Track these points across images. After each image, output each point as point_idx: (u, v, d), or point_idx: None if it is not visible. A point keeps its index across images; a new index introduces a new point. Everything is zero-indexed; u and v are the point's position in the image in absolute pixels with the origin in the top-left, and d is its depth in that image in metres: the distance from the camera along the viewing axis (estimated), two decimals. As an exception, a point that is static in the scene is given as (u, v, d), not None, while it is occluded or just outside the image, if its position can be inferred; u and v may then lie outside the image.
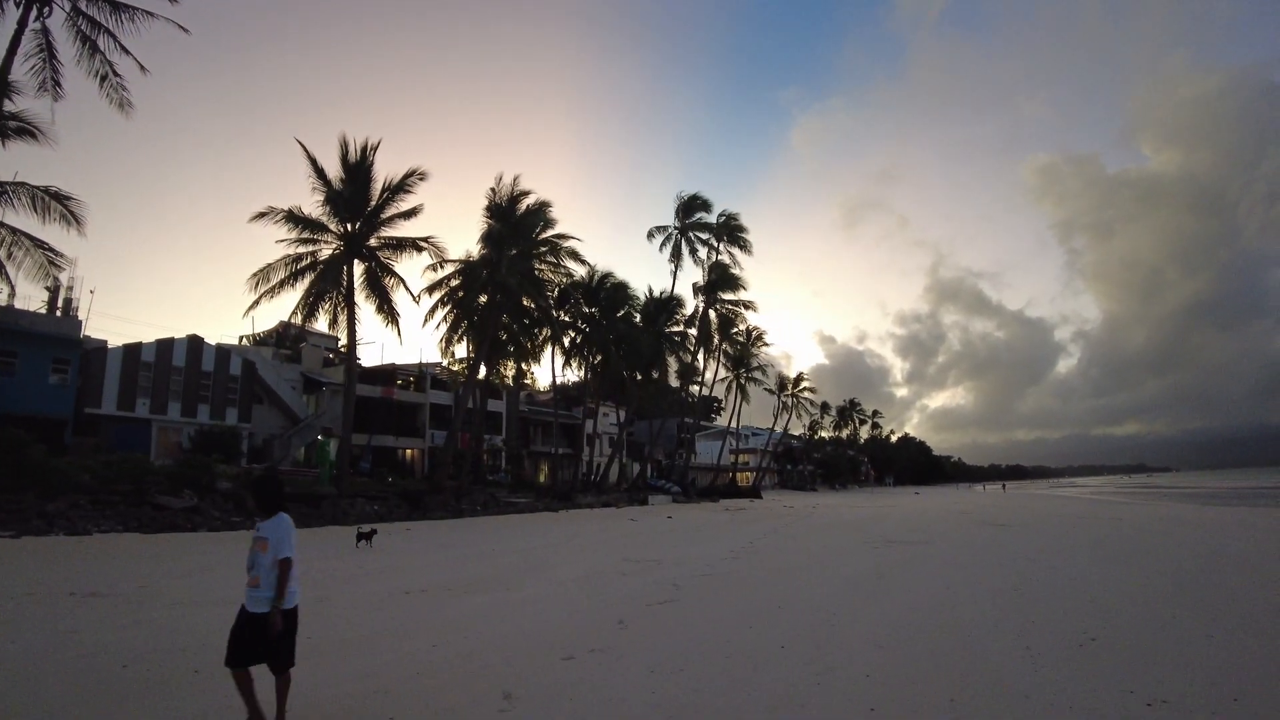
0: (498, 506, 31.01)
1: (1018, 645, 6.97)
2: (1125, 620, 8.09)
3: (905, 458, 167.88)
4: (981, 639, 7.29)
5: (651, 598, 9.75)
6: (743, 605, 9.30)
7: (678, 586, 10.78)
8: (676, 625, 8.05)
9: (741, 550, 16.61)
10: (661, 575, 12.02)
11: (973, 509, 37.85)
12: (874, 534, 21.40)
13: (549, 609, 9.09)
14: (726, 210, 51.95)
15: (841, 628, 7.87)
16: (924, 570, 12.69)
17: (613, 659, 6.54)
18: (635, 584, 11.08)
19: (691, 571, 12.50)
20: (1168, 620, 8.08)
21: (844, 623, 8.14)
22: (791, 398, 73.92)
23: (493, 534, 21.49)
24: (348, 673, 6.14)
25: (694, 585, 10.92)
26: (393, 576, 12.01)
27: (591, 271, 43.61)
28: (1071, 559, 14.01)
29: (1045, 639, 7.20)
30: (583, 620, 8.34)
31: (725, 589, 10.71)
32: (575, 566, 13.36)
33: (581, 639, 7.26)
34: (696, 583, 11.19)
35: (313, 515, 23.76)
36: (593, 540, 19.71)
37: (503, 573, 12.49)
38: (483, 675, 6.07)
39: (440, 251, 29.34)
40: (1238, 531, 20.89)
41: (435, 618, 8.46)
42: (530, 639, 7.36)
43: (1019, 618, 8.27)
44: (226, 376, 39.75)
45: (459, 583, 11.30)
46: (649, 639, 7.32)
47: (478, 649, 6.94)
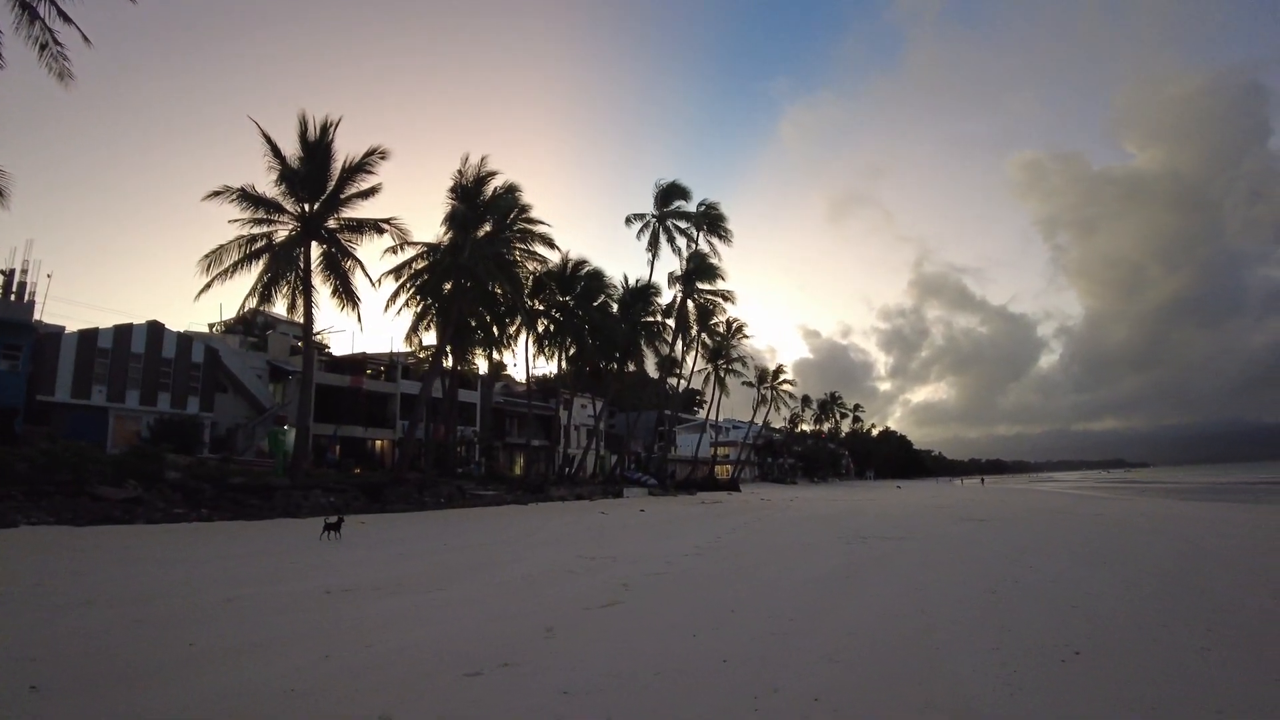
0: (463, 499, 29.98)
1: (993, 660, 6.13)
2: (1111, 630, 7.28)
3: (886, 452, 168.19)
4: (953, 652, 6.45)
5: (594, 600, 8.86)
6: (693, 609, 8.43)
7: (627, 587, 9.90)
8: (612, 634, 7.16)
9: (707, 546, 15.77)
10: (614, 574, 11.14)
11: (951, 503, 37.26)
12: (848, 529, 20.63)
13: (475, 613, 8.17)
14: (706, 199, 51.02)
15: (797, 637, 7.01)
16: (895, 570, 11.87)
17: (524, 676, 5.63)
18: (581, 584, 10.20)
19: (647, 570, 11.62)
20: (1158, 630, 7.27)
21: (801, 631, 7.28)
22: (770, 390, 73.24)
23: (451, 528, 20.55)
24: (209, 691, 5.21)
25: (645, 586, 10.05)
26: (321, 574, 11.07)
27: (565, 258, 42.63)
28: (1052, 558, 13.25)
29: (1024, 653, 6.37)
30: (508, 627, 7.42)
31: (678, 590, 9.84)
32: (524, 564, 12.45)
33: (498, 650, 6.35)
34: (648, 583, 10.32)
35: (264, 507, 22.68)
36: (555, 535, 18.83)
37: (442, 571, 11.57)
38: (367, 695, 5.16)
39: (403, 234, 28.26)
40: (1220, 528, 20.30)
41: (344, 622, 7.53)
42: (440, 650, 6.44)
43: (995, 626, 7.44)
44: (188, 364, 38.47)
45: (390, 581, 10.37)
46: (575, 651, 6.42)
47: (375, 662, 6.02)
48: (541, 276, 41.14)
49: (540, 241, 38.94)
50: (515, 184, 31.38)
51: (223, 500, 22.29)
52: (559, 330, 42.66)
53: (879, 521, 23.78)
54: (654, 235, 48.73)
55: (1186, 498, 43.24)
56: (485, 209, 30.55)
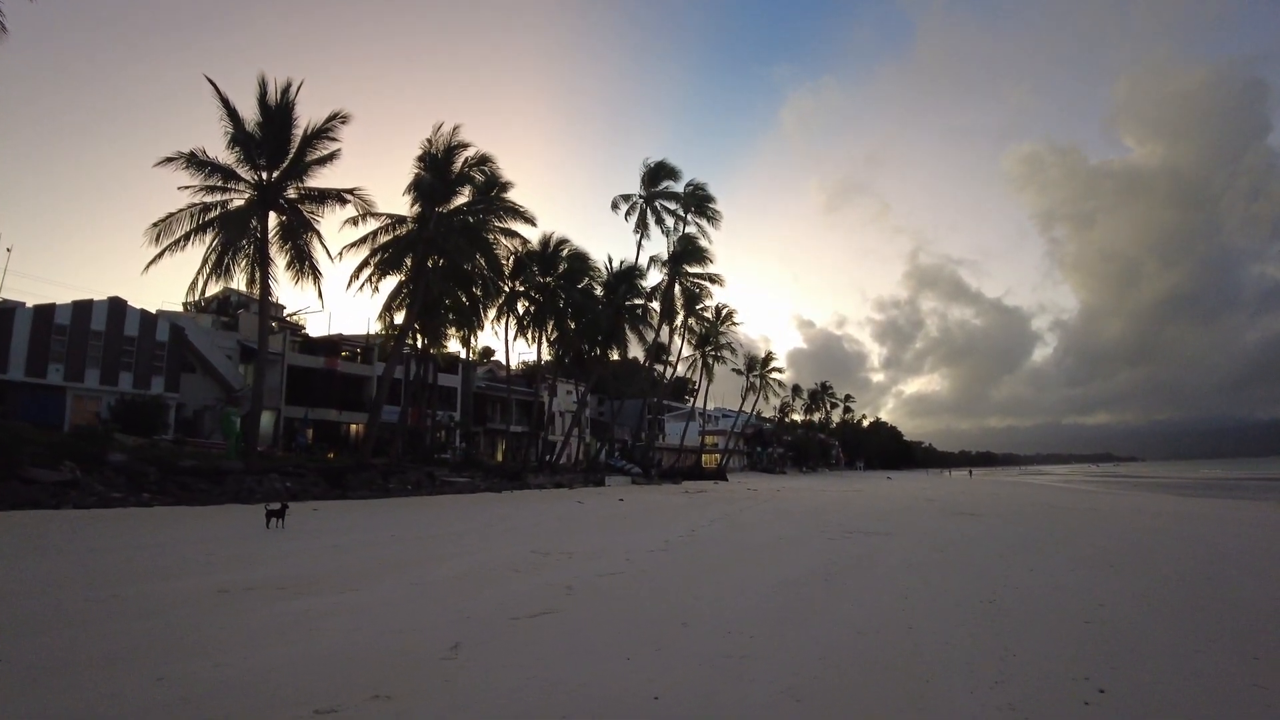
0: (433, 486, 28.62)
1: (997, 700, 4.82)
2: (1139, 657, 5.99)
3: (876, 442, 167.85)
4: (946, 686, 5.14)
5: (525, 607, 7.53)
6: (637, 621, 7.11)
7: (570, 590, 8.59)
8: (529, 654, 5.83)
9: (677, 540, 14.48)
10: (562, 573, 9.83)
11: (941, 496, 36.10)
12: (833, 522, 19.38)
13: (376, 623, 6.82)
14: (694, 180, 49.56)
15: (756, 662, 5.70)
16: (879, 572, 10.58)
17: (390, 717, 4.31)
18: (519, 587, 8.87)
19: (602, 568, 10.31)
20: (1195, 658, 5.99)
21: (761, 653, 5.97)
22: (760, 378, 71.93)
23: (408, 517, 19.21)
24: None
25: (591, 589, 8.74)
26: (233, 568, 9.74)
27: (546, 237, 41.04)
28: (1054, 560, 11.98)
29: (1035, 689, 5.06)
30: (407, 642, 6.09)
31: (628, 595, 8.52)
32: (467, 559, 11.13)
33: (376, 677, 5.02)
34: (597, 585, 9.01)
35: (213, 493, 21.32)
36: (517, 525, 17.52)
37: (370, 566, 10.24)
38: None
39: (368, 205, 26.73)
40: (1231, 527, 19.13)
41: (209, 633, 6.19)
42: (303, 672, 5.10)
43: (996, 650, 6.14)
44: (152, 342, 36.94)
45: (303, 579, 9.04)
46: (472, 680, 5.09)
47: (215, 688, 4.69)
48: (522, 257, 39.65)
49: (520, 219, 37.57)
50: (489, 155, 29.80)
51: (168, 484, 20.90)
52: (539, 312, 41.12)
53: (865, 514, 22.56)
54: (641, 216, 47.22)
55: (1183, 493, 42.25)
56: (455, 181, 28.93)
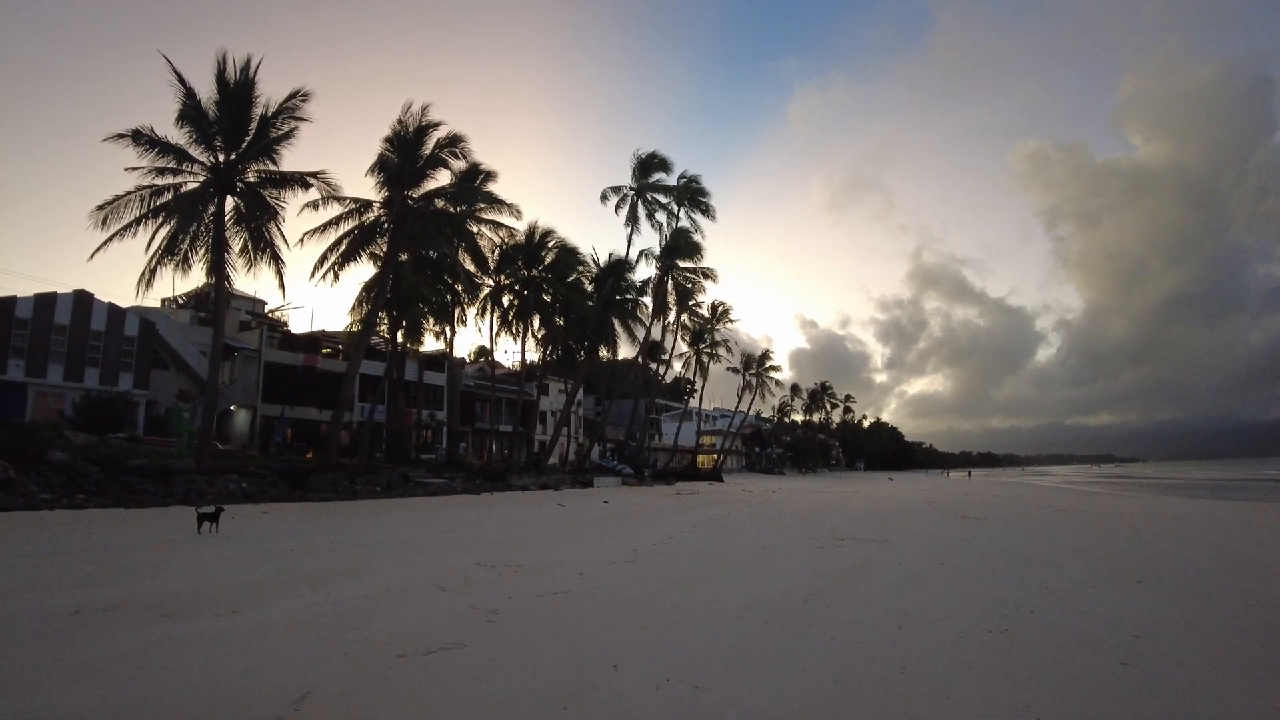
0: (405, 488, 27.14)
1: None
2: (1197, 717, 4.55)
3: (876, 443, 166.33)
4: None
5: (425, 640, 6.09)
6: (557, 661, 5.65)
7: (494, 616, 7.14)
8: (394, 711, 4.39)
9: (649, 549, 13.04)
10: (495, 593, 8.39)
11: (942, 498, 34.64)
12: (825, 527, 17.94)
13: (232, 658, 5.35)
14: (687, 172, 47.89)
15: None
16: (871, 590, 9.14)
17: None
18: (434, 611, 7.42)
19: (544, 586, 8.87)
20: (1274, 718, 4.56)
21: (705, 713, 4.54)
22: (756, 377, 70.36)
23: (365, 521, 17.77)
24: None
25: (519, 615, 7.29)
26: (115, 581, 8.36)
27: (532, 227, 39.41)
28: (1070, 574, 10.52)
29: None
30: (251, 687, 4.64)
31: (561, 623, 7.07)
32: (392, 574, 9.68)
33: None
34: (528, 610, 7.56)
35: (160, 494, 19.88)
36: (483, 531, 16.11)
37: (279, 581, 8.80)
38: None
39: (333, 188, 25.19)
40: (1259, 534, 17.68)
41: (19, 669, 4.76)
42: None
43: (1016, 709, 4.69)
44: (120, 337, 35.51)
45: (185, 597, 7.61)
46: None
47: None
48: (508, 250, 38.15)
49: (503, 209, 36.14)
50: (461, 135, 27.84)
51: (110, 485, 19.45)
52: (523, 306, 39.53)
53: (861, 518, 21.13)
54: (632, 209, 45.54)
55: (1192, 495, 40.79)
56: (426, 164, 27.32)
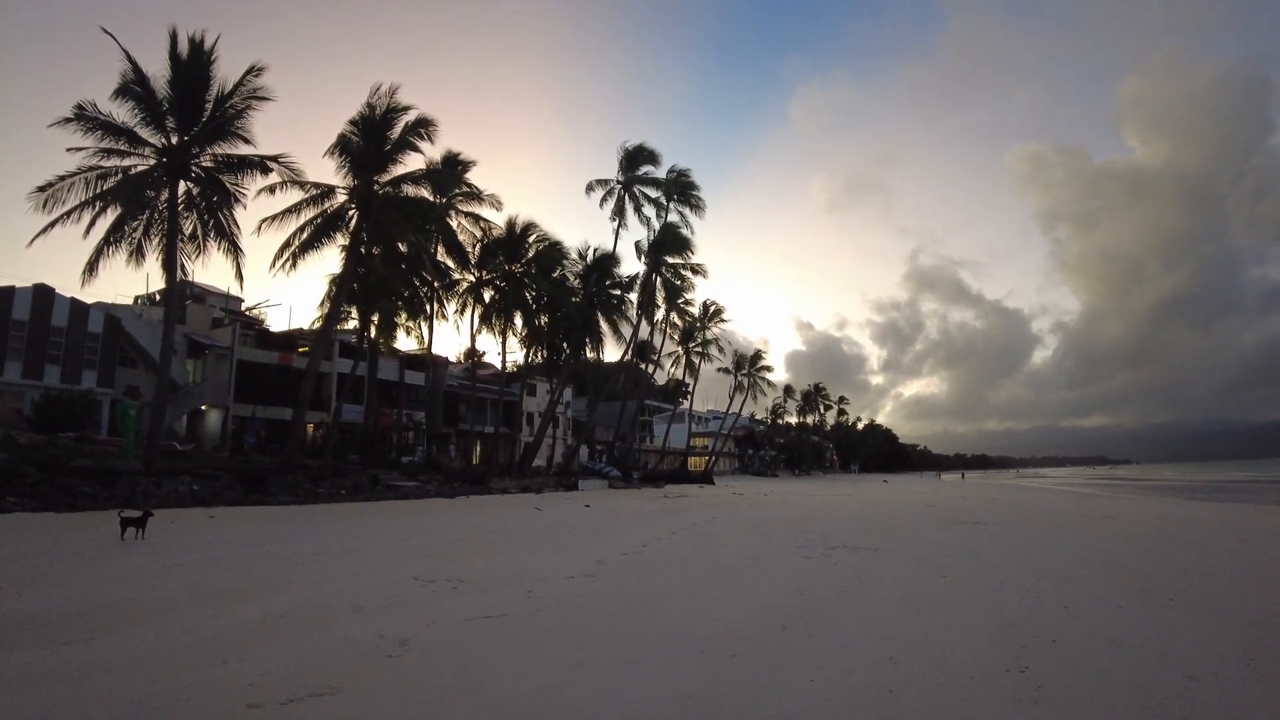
0: (373, 491, 25.73)
1: None
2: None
3: (871, 445, 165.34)
4: None
5: (292, 686, 4.76)
6: (454, 713, 4.35)
7: (403, 646, 5.84)
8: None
9: (619, 559, 11.74)
10: (419, 617, 7.07)
11: (939, 502, 33.39)
12: (815, 534, 16.66)
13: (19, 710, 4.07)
14: (676, 165, 46.56)
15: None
16: (861, 613, 7.82)
17: None
18: (326, 640, 6.09)
19: (481, 608, 7.55)
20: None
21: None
22: (748, 377, 69.09)
23: (320, 527, 16.43)
24: None
25: (430, 648, 5.97)
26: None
27: (513, 221, 37.95)
28: (1089, 590, 9.23)
29: None
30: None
31: (478, 659, 5.73)
32: (307, 590, 8.33)
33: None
34: (448, 641, 6.24)
35: (100, 496, 18.50)
36: (440, 539, 14.80)
37: (174, 598, 7.45)
38: None
39: (295, 173, 23.77)
40: (1273, 539, 16.48)
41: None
42: None
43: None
44: (84, 334, 34.08)
45: (48, 618, 6.29)
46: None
47: None
48: (489, 243, 36.80)
49: (484, 202, 34.88)
50: (430, 118, 26.12)
51: (46, 488, 18.04)
52: (505, 303, 38.08)
53: (853, 524, 19.85)
54: (619, 203, 44.16)
55: (1192, 497, 39.60)
56: (394, 148, 25.87)
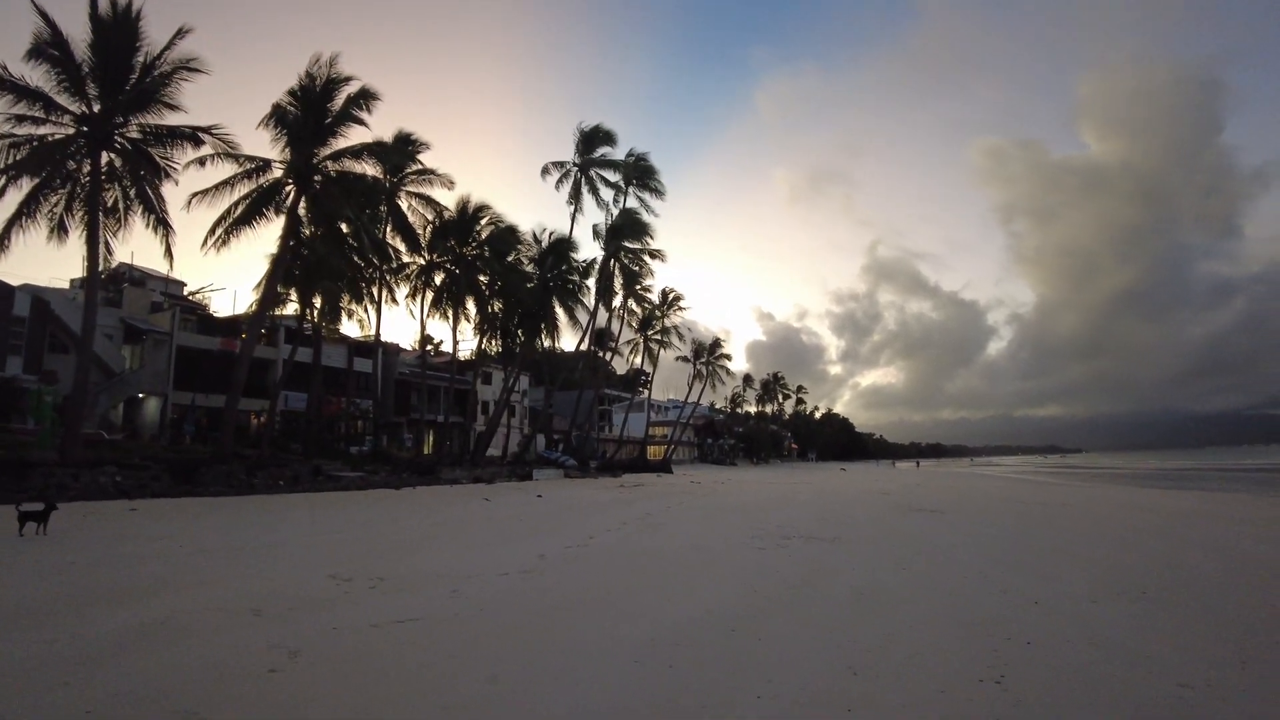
0: (314, 482, 24.64)
1: None
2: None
3: (828, 434, 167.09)
4: None
5: (143, 711, 3.96)
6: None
7: (293, 657, 5.02)
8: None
9: (563, 553, 11.01)
10: (312, 624, 6.25)
11: (895, 489, 33.23)
12: (770, 524, 16.09)
13: None
14: (634, 149, 45.71)
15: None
16: (819, 611, 7.18)
17: None
18: (208, 651, 5.24)
19: (394, 610, 6.75)
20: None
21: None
22: (707, 365, 68.67)
23: (247, 520, 15.42)
24: None
25: (323, 660, 5.16)
26: None
27: (464, 201, 36.71)
28: (1060, 584, 8.71)
29: None
30: None
31: (374, 674, 4.94)
32: (205, 592, 7.43)
33: None
34: (346, 648, 5.44)
35: (11, 489, 17.22)
36: (375, 532, 13.91)
37: (31, 605, 6.52)
38: None
39: (229, 145, 22.45)
40: (1247, 528, 16.33)
41: None
42: None
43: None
44: (8, 317, 32.17)
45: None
46: None
47: None
48: (440, 225, 35.64)
49: (436, 182, 33.71)
50: (372, 90, 24.85)
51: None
52: (456, 287, 36.91)
53: (810, 512, 19.37)
54: (575, 186, 43.18)
55: (1145, 484, 40.08)
56: (335, 120, 24.58)
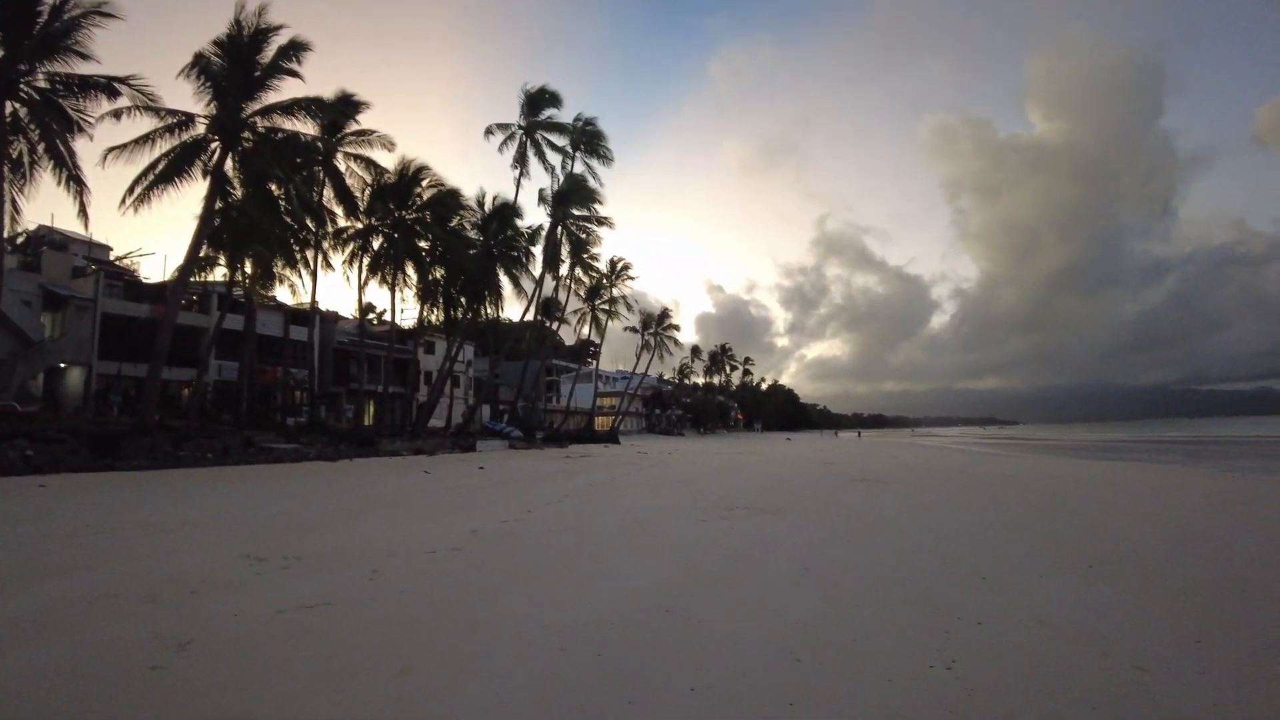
0: (245, 454, 23.67)
1: None
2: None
3: (774, 405, 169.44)
4: None
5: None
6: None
7: (182, 650, 4.50)
8: None
9: (497, 528, 10.55)
10: (211, 610, 5.72)
11: (839, 459, 33.47)
12: (713, 494, 15.86)
13: None
14: (582, 114, 44.74)
15: None
16: (758, 590, 6.89)
17: None
18: (80, 648, 4.70)
19: (305, 594, 6.26)
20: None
21: None
22: (655, 336, 68.40)
23: (166, 496, 14.61)
24: None
25: (214, 654, 4.65)
26: None
27: (404, 163, 35.34)
28: (1007, 558, 8.56)
29: None
30: None
31: (265, 670, 4.47)
32: (99, 576, 6.80)
33: None
34: (243, 638, 4.93)
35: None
36: (304, 506, 13.24)
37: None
38: None
39: (148, 98, 21.08)
40: (1195, 500, 16.61)
41: None
42: None
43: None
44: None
45: None
46: None
47: None
48: (378, 188, 34.37)
49: (375, 143, 32.48)
50: (303, 40, 23.19)
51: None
52: (395, 252, 35.64)
53: (755, 483, 19.22)
54: (521, 149, 42.02)
55: (1082, 456, 41.12)
56: (265, 74, 23.22)
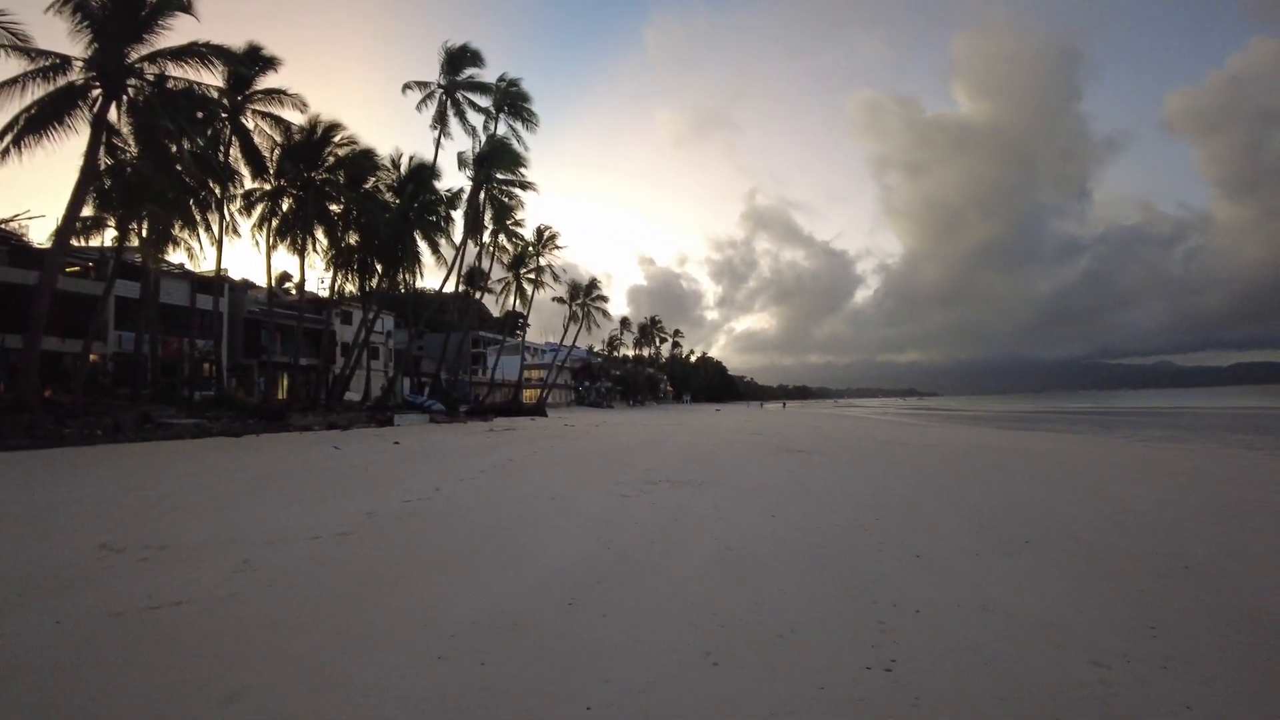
0: (141, 431, 22.06)
1: None
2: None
3: (703, 377, 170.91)
4: None
5: None
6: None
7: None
8: None
9: (398, 508, 9.75)
10: (45, 613, 4.86)
11: (764, 429, 33.48)
12: (639, 467, 15.33)
13: None
14: (506, 74, 43.09)
15: None
16: (679, 571, 6.36)
17: None
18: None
19: (158, 590, 5.43)
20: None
21: None
22: (583, 307, 67.40)
23: (35, 478, 13.30)
24: None
25: (41, 666, 3.84)
26: None
27: (313, 121, 33.33)
28: (938, 533, 8.22)
29: None
30: None
31: (104, 678, 3.68)
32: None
33: None
34: (78, 646, 4.12)
35: None
36: (189, 486, 12.16)
37: None
38: None
39: (19, 39, 19.01)
40: (1123, 472, 16.82)
41: None
42: None
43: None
44: None
45: None
46: None
47: None
48: (288, 148, 32.44)
49: (286, 102, 30.59)
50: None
51: None
52: (303, 215, 33.86)
53: (680, 454, 18.80)
54: (440, 109, 40.27)
55: (1000, 426, 42.11)
56: (151, 12, 21.21)
